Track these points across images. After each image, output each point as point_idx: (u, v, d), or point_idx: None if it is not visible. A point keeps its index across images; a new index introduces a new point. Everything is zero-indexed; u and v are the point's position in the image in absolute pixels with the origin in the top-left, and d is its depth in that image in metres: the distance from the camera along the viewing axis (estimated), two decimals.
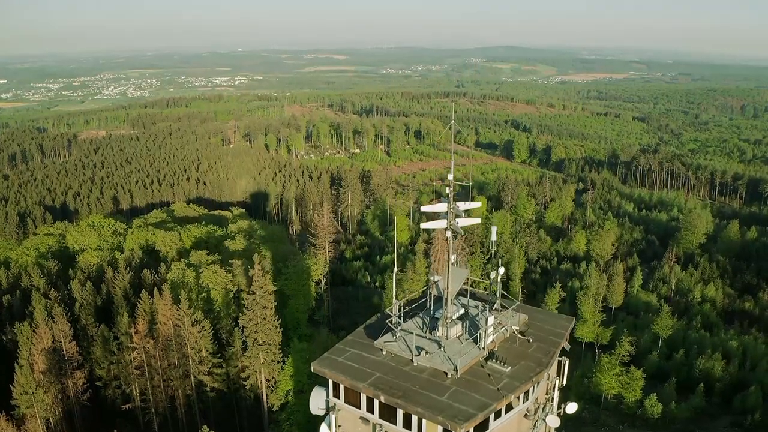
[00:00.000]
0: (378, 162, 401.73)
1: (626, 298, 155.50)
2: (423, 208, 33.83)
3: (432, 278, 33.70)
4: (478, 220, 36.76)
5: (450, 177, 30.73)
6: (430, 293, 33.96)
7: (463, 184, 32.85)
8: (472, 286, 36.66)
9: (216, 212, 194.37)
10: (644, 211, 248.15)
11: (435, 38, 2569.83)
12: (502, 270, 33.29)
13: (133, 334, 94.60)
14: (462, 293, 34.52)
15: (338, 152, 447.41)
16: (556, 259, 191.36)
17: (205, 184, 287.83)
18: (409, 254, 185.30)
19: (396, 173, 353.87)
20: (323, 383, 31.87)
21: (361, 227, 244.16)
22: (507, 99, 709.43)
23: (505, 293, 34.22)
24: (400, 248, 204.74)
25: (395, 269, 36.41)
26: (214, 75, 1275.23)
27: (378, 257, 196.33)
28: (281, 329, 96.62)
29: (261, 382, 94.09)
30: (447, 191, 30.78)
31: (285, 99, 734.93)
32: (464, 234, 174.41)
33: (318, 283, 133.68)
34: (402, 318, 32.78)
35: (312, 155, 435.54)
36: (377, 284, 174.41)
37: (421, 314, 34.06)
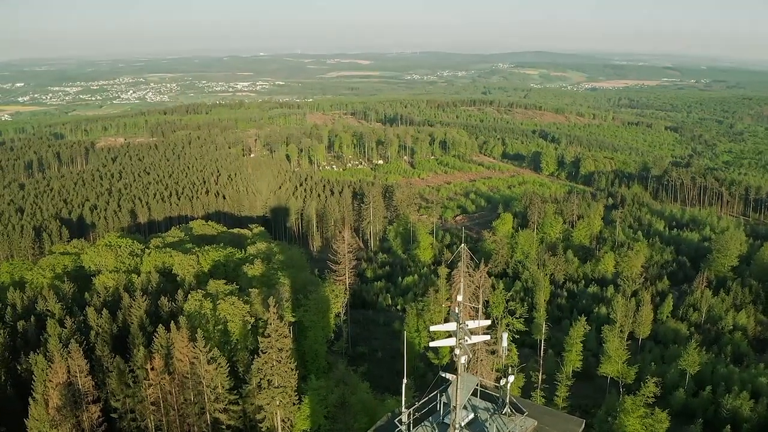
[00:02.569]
0: (401, 174, 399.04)
1: (655, 325, 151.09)
2: (432, 328, 34.89)
3: (443, 374, 33.79)
4: (487, 337, 38.00)
5: (459, 298, 32.07)
6: (440, 397, 34.60)
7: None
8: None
9: (235, 230, 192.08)
10: (675, 230, 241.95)
11: (461, 43, 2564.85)
12: (512, 378, 34.08)
13: (149, 370, 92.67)
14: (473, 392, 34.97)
15: (361, 163, 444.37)
16: (583, 281, 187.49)
17: (224, 197, 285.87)
18: (432, 275, 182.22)
19: (420, 186, 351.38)
20: None
21: (383, 244, 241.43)
22: (535, 107, 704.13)
23: (515, 399, 34.74)
24: (422, 269, 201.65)
25: (404, 380, 34.25)
26: (235, 80, 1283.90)
27: (400, 278, 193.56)
28: (298, 362, 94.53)
29: (277, 423, 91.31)
30: (457, 311, 31.25)
31: (307, 106, 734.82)
32: (486, 261, 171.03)
33: (338, 315, 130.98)
34: (411, 424, 33.13)
35: (334, 166, 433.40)
36: (398, 307, 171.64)
37: (430, 419, 34.58)
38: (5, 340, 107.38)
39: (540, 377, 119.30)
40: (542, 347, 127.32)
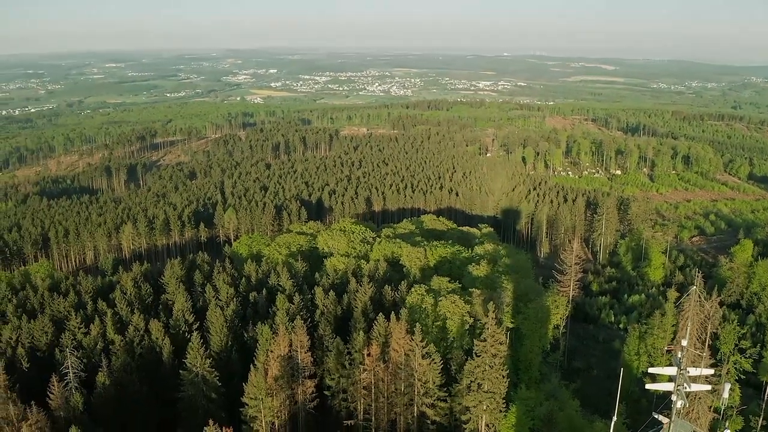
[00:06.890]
0: (639, 187, 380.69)
1: None
2: (651, 370, 35.08)
3: (656, 416, 32.15)
4: (708, 387, 36.74)
5: (684, 342, 31.12)
6: None
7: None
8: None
9: (464, 228, 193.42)
10: None
11: (712, 53, 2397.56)
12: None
13: (366, 355, 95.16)
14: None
15: (598, 172, 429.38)
16: None
17: (457, 194, 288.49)
18: (660, 297, 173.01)
19: (657, 201, 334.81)
20: None
21: (612, 258, 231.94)
22: None
23: None
24: (650, 288, 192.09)
25: (614, 417, 33.39)
26: (477, 78, 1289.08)
27: (626, 295, 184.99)
28: (511, 369, 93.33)
29: (481, 427, 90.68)
30: (679, 355, 30.33)
31: (547, 109, 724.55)
32: (719, 289, 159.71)
33: (557, 326, 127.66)
34: None
35: (570, 172, 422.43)
36: (620, 326, 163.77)
37: None
38: (237, 308, 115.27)
39: (760, 422, 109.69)
40: None
